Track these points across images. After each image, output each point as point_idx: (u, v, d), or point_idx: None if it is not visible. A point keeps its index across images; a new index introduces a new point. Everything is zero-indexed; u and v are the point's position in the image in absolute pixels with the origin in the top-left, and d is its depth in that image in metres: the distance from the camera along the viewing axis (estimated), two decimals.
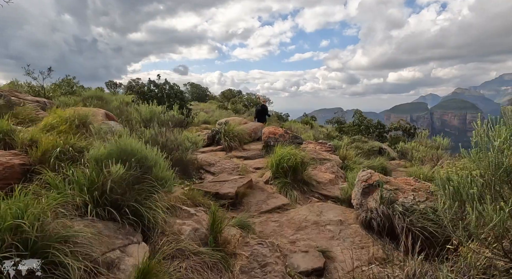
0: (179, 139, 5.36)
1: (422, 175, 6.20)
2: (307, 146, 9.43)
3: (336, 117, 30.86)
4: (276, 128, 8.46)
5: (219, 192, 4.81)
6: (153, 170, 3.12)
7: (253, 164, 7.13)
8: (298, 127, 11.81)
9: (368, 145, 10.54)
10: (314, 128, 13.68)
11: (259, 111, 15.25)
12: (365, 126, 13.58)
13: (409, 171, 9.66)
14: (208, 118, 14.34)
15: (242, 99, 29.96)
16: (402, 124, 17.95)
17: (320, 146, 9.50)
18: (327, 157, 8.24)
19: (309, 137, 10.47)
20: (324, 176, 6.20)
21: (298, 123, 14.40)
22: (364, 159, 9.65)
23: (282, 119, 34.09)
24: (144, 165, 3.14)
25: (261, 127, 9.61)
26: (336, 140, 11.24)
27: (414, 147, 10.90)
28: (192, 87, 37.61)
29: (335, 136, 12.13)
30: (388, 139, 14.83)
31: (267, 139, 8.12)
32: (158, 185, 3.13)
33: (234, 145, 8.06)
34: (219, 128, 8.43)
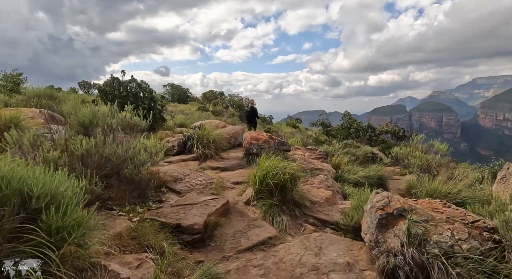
0: (132, 151, 4.02)
1: (437, 191, 5.15)
2: (295, 153, 8.27)
3: (321, 120, 30.17)
4: (260, 133, 7.23)
5: (182, 223, 3.51)
6: (48, 214, 1.79)
7: (231, 177, 5.86)
8: (285, 131, 10.67)
9: (361, 151, 9.52)
10: (302, 132, 12.60)
11: (249, 112, 14.02)
12: (355, 129, 12.66)
13: (407, 180, 8.70)
14: (185, 120, 12.94)
15: (224, 101, 28.64)
16: (390, 127, 17.23)
17: (310, 153, 8.36)
18: (319, 166, 7.10)
19: (297, 143, 9.33)
20: (319, 194, 5.02)
21: (285, 125, 13.26)
22: (359, 167, 8.60)
23: (266, 122, 33.07)
24: (32, 206, 1.82)
25: (242, 131, 8.36)
26: (325, 145, 10.16)
27: (410, 152, 9.99)
28: (172, 88, 35.88)
29: (323, 140, 11.08)
30: (380, 143, 13.97)
31: (249, 146, 6.87)
32: (57, 239, 1.82)
33: (209, 153, 6.76)
34: (192, 133, 7.11)
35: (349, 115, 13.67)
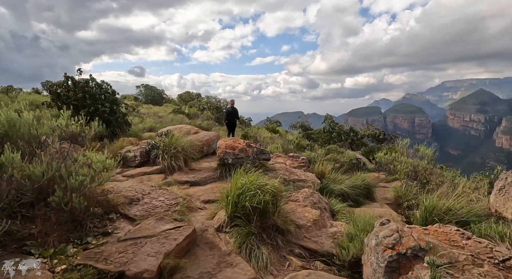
0: (64, 170, 3.05)
1: (437, 208, 4.53)
2: (276, 162, 7.50)
3: (300, 122, 29.75)
4: (236, 140, 6.39)
5: (127, 271, 2.60)
6: None
7: (202, 194, 4.98)
8: (265, 137, 9.90)
9: (345, 157, 8.92)
10: (282, 136, 11.91)
11: (230, 112, 13.12)
12: (337, 133, 12.14)
13: (394, 189, 8.17)
14: (156, 124, 11.84)
15: (201, 102, 27.53)
16: (371, 129, 16.95)
17: (292, 160, 7.63)
18: (302, 177, 6.36)
19: (277, 149, 8.57)
20: (305, 215, 4.25)
21: (264, 129, 12.50)
22: (343, 175, 7.97)
23: (245, 124, 32.27)
24: None
25: (216, 138, 7.48)
26: (307, 151, 9.48)
27: (395, 158, 9.53)
28: (146, 89, 34.25)
29: (305, 145, 10.43)
30: (360, 147, 13.53)
31: (223, 155, 6.01)
32: None
33: (177, 164, 5.83)
34: (157, 141, 6.14)
35: (331, 118, 13.15)
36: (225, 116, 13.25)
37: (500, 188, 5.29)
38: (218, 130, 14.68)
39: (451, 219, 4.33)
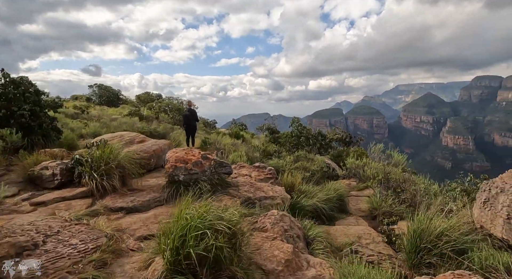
0: None
1: (428, 232, 3.76)
2: (239, 174, 6.46)
3: (267, 124, 29.06)
4: (189, 151, 5.23)
5: None
6: None
7: (139, 227, 3.76)
8: (226, 144, 8.77)
9: (316, 165, 8.14)
10: (246, 142, 10.90)
11: (187, 116, 11.79)
12: (305, 137, 11.44)
13: (368, 199, 7.54)
14: (101, 129, 10.19)
15: (162, 104, 25.64)
16: (338, 132, 16.63)
17: (257, 172, 6.64)
18: (270, 193, 5.39)
19: (240, 157, 7.53)
20: (274, 253, 3.24)
21: (226, 136, 11.37)
22: (315, 185, 7.17)
23: (209, 126, 30.88)
24: None
25: (167, 147, 6.25)
26: (275, 158, 8.57)
27: (366, 163, 8.97)
28: (100, 89, 31.33)
29: (272, 152, 9.53)
30: (328, 150, 12.99)
31: (172, 171, 4.82)
32: None
33: (111, 184, 4.52)
34: (86, 154, 4.77)
35: (298, 121, 12.44)
36: (183, 121, 11.94)
37: (485, 201, 4.77)
38: (179, 135, 13.29)
39: (446, 246, 3.61)
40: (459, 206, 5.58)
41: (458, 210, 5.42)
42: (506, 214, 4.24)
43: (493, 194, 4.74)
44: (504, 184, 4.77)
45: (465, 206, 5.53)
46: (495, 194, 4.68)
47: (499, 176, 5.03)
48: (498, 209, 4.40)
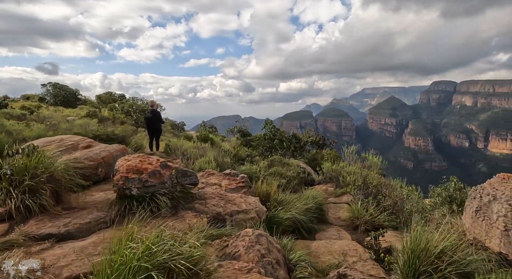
0: None
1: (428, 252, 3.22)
2: (208, 182, 5.65)
3: (238, 126, 28.26)
4: (146, 159, 4.33)
5: None
6: None
7: (70, 263, 2.82)
8: (186, 147, 7.83)
9: (292, 171, 7.52)
10: (216, 146, 10.05)
11: (149, 118, 10.68)
12: (278, 140, 10.84)
13: (348, 208, 7.04)
14: (46, 131, 8.82)
15: (125, 105, 23.92)
16: (311, 134, 16.29)
17: (228, 180, 5.86)
18: (243, 206, 4.64)
19: (209, 164, 6.69)
20: None
21: (194, 139, 10.42)
22: (292, 193, 6.53)
23: (178, 128, 29.49)
24: None
25: (121, 153, 5.28)
26: (247, 164, 7.83)
27: (344, 168, 8.53)
28: (55, 88, 28.68)
29: (244, 156, 8.77)
30: (301, 152, 12.51)
31: (123, 183, 3.91)
32: None
33: (39, 202, 3.51)
34: (7, 164, 3.70)
35: (271, 123, 11.85)
36: (146, 123, 10.85)
37: (476, 210, 4.40)
38: (143, 138, 12.11)
39: (450, 269, 3.09)
40: (446, 215, 5.22)
41: (446, 220, 5.03)
42: (503, 225, 3.86)
43: (485, 202, 4.39)
44: (495, 191, 4.43)
45: (453, 213, 5.18)
46: (488, 202, 4.33)
47: (488, 182, 4.71)
48: (494, 220, 4.02)
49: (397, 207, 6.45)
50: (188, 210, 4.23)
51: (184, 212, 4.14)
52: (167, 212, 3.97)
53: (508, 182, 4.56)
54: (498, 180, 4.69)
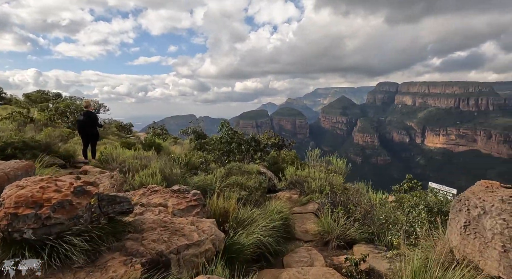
0: None
1: None
2: (150, 203, 4.49)
3: (193, 127, 26.69)
4: (50, 183, 3.05)
5: None
6: None
7: None
8: (130, 157, 6.45)
9: (254, 180, 6.61)
10: (164, 152, 8.70)
11: (82, 122, 8.93)
12: (236, 143, 9.86)
13: (317, 221, 6.36)
14: None
15: (61, 105, 20.96)
16: (269, 135, 15.63)
17: (177, 199, 4.75)
18: (194, 236, 3.61)
19: (153, 177, 5.47)
20: None
21: (134, 147, 8.96)
22: (254, 208, 5.61)
23: (125, 130, 26.95)
24: None
25: (23, 172, 3.86)
26: (201, 174, 6.74)
27: (309, 174, 7.87)
28: None
29: (198, 164, 7.61)
30: (265, 156, 11.71)
31: (8, 224, 2.61)
32: None
33: None
34: None
35: (228, 125, 10.82)
36: (78, 127, 9.15)
37: (465, 225, 3.93)
38: (80, 143, 10.25)
39: None
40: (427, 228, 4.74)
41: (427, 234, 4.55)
42: (501, 245, 3.38)
43: (474, 216, 3.91)
44: (483, 202, 3.97)
45: (433, 225, 4.72)
46: (477, 216, 3.85)
47: (470, 191, 4.28)
48: (488, 238, 3.54)
49: (369, 217, 5.91)
50: (116, 252, 3.06)
51: (109, 256, 2.97)
52: (82, 259, 2.78)
53: (493, 191, 4.15)
54: (482, 188, 4.28)
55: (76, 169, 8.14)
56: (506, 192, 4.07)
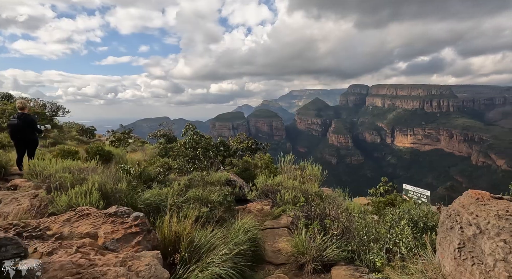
0: None
1: None
2: (71, 233, 3.44)
3: (162, 130, 25.18)
4: None
5: None
6: None
7: None
8: (60, 170, 5.25)
9: (218, 193, 5.69)
10: (117, 161, 7.53)
11: (16, 126, 7.54)
12: (203, 148, 8.88)
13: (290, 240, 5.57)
14: None
15: (9, 107, 18.79)
16: (242, 138, 14.75)
17: (112, 225, 3.73)
18: None
19: (88, 196, 4.38)
20: None
21: (78, 155, 7.68)
22: (216, 227, 4.69)
23: (87, 133, 24.98)
24: None
25: None
26: (156, 188, 5.70)
27: (282, 182, 7.07)
28: None
29: (155, 175, 6.51)
30: (237, 162, 10.80)
31: None
32: None
33: None
34: None
35: (194, 128, 9.76)
36: (10, 133, 7.77)
37: (459, 247, 3.29)
38: (10, 153, 8.77)
39: None
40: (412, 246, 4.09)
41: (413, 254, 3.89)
42: (507, 275, 2.75)
43: (468, 236, 3.28)
44: (476, 218, 3.33)
45: (418, 242, 4.08)
46: (472, 236, 3.22)
47: (460, 204, 3.66)
48: (490, 265, 2.89)
49: (347, 232, 5.20)
50: None
51: None
52: None
53: (486, 204, 3.55)
54: (472, 200, 3.67)
55: (6, 183, 6.81)
56: (500, 205, 3.47)
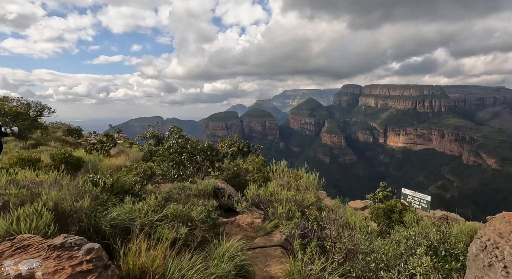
0: None
1: None
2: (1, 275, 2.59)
3: (152, 130, 24.22)
4: None
5: None
6: None
7: None
8: (2, 185, 4.39)
9: (200, 209, 4.90)
10: (90, 168, 6.69)
11: None
12: (188, 153, 8.06)
13: (280, 249, 4.83)
14: None
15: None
16: (233, 140, 13.98)
17: (57, 260, 2.91)
18: None
19: (35, 220, 3.56)
20: None
21: (39, 163, 6.79)
22: (196, 253, 3.92)
23: (73, 134, 23.90)
24: None
25: None
26: (129, 202, 4.89)
27: (274, 193, 6.31)
28: None
29: (130, 186, 5.66)
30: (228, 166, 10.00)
31: None
32: None
33: None
34: None
35: (180, 131, 8.90)
36: None
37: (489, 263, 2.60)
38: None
39: None
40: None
41: None
42: None
43: (499, 258, 2.61)
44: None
45: (440, 274, 3.39)
46: (501, 257, 2.56)
47: (495, 230, 2.98)
48: None
49: (351, 255, 4.48)
50: None
51: None
52: None
53: None
54: (509, 226, 3.00)
55: None
56: None
